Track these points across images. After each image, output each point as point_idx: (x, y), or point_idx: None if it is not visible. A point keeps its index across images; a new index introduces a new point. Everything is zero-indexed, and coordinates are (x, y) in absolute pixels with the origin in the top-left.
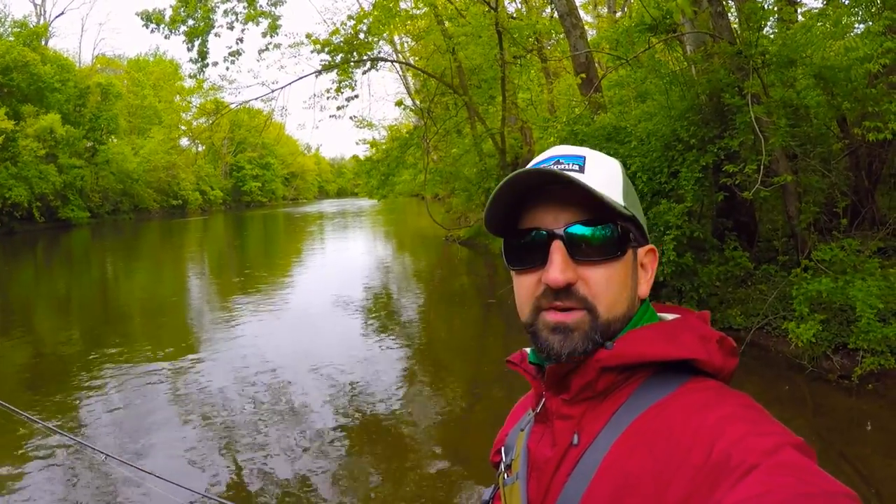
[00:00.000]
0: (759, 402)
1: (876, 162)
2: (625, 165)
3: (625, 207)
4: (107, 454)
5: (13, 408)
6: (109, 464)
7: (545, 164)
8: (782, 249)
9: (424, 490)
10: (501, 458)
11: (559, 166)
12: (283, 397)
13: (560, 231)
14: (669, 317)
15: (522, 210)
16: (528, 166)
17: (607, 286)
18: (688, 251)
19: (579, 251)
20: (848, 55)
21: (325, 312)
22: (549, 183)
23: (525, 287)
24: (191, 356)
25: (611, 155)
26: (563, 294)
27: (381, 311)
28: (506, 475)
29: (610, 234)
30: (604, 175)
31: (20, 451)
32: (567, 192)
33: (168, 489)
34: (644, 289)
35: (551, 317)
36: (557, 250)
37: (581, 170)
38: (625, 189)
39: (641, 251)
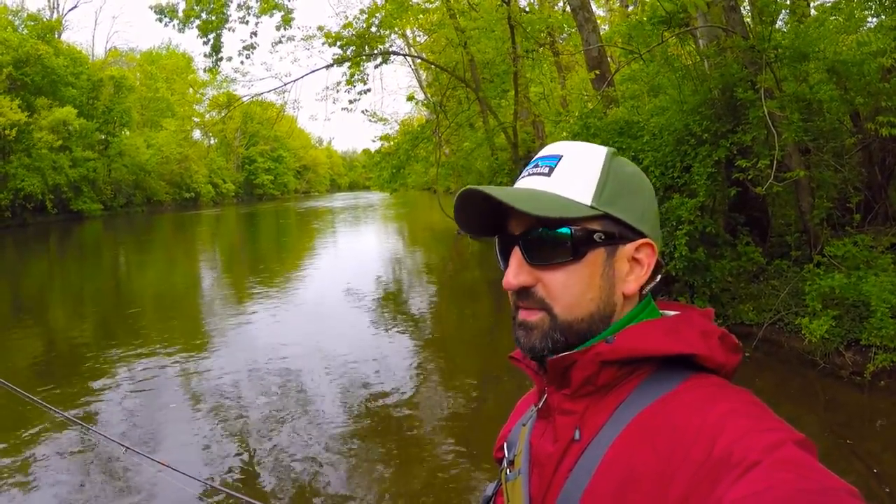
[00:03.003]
0: (771, 398)
1: (889, 157)
2: (637, 160)
3: (591, 207)
4: (126, 446)
5: (37, 399)
6: (119, 452)
7: (528, 168)
8: (795, 245)
9: (433, 483)
10: (504, 454)
11: (535, 169)
12: (294, 390)
13: (518, 236)
14: (672, 313)
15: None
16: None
17: (563, 290)
18: (700, 246)
19: (536, 255)
20: (861, 49)
21: (336, 305)
22: (482, 200)
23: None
24: (203, 348)
25: (623, 149)
26: (522, 295)
27: (392, 304)
28: (508, 471)
29: (564, 237)
30: (572, 175)
31: (36, 441)
32: None
33: (181, 480)
34: (631, 286)
35: (520, 314)
36: (514, 255)
37: (549, 172)
38: (601, 186)
39: (630, 247)
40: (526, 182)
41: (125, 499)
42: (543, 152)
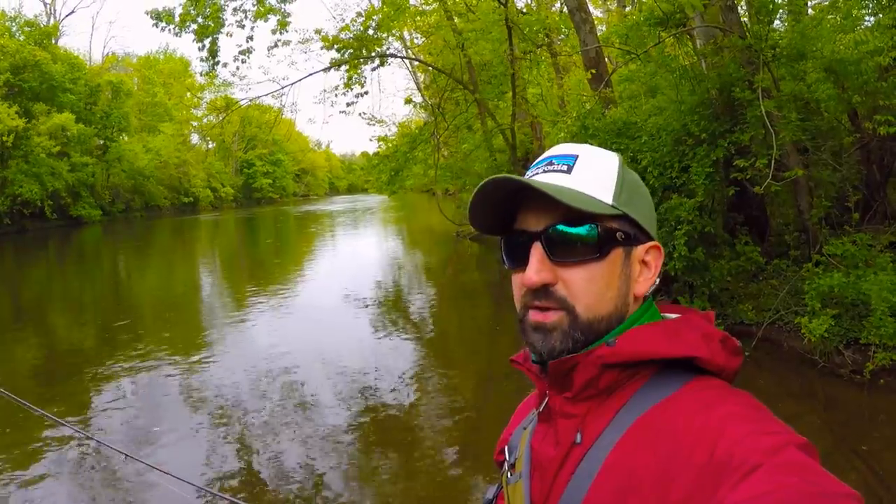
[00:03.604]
0: (771, 398)
1: (887, 156)
2: (635, 160)
3: (613, 206)
4: (126, 454)
5: (36, 407)
6: (119, 458)
7: (539, 166)
8: (794, 244)
9: (434, 486)
10: (505, 458)
11: (551, 167)
12: (294, 393)
13: (539, 232)
14: (672, 316)
15: (518, 210)
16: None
17: (586, 287)
18: (699, 246)
19: (558, 252)
20: (858, 48)
21: (335, 308)
22: (509, 189)
23: (515, 285)
24: (203, 353)
25: (621, 150)
26: (541, 294)
27: (392, 307)
28: (509, 474)
29: (589, 234)
30: (592, 174)
31: (36, 448)
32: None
33: (179, 486)
34: (642, 287)
35: (533, 316)
36: (535, 251)
37: (569, 170)
38: (619, 187)
39: (641, 248)
40: (542, 178)
41: None
42: (556, 151)
